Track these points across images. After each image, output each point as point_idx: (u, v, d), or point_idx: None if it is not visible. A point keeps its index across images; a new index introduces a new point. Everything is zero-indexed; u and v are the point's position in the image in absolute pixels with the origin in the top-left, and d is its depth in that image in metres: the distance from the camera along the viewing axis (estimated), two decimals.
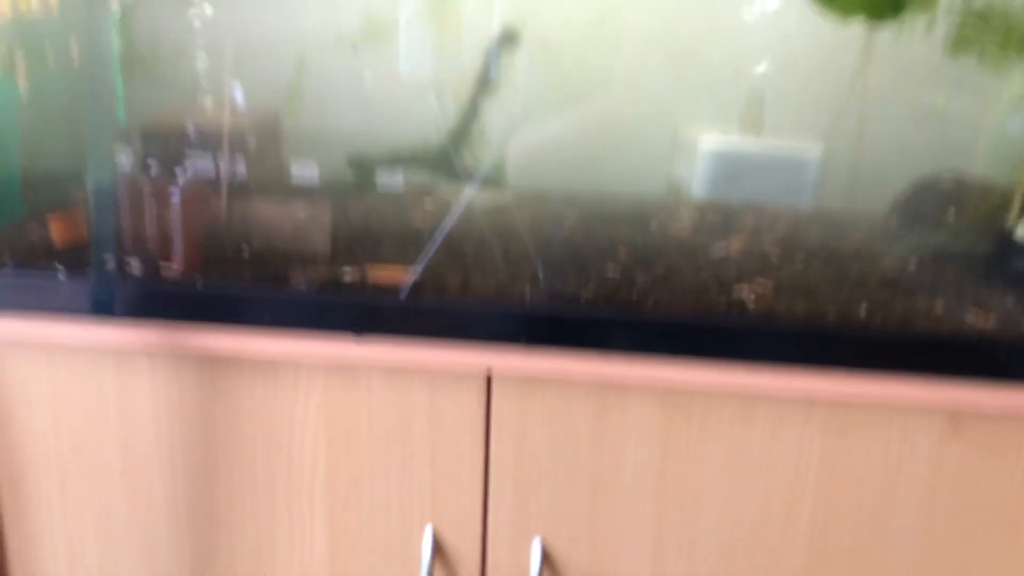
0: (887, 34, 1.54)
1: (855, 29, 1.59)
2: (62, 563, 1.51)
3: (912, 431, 1.31)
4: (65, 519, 1.49)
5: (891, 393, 1.29)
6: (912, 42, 1.51)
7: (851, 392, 1.30)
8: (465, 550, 1.42)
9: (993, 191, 1.51)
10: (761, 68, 1.69)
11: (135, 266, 1.43)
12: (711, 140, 1.66)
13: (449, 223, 1.58)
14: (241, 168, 1.63)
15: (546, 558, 1.41)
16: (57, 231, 1.54)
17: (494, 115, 1.81)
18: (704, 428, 1.34)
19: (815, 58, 1.71)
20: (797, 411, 1.32)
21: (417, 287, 1.38)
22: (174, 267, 1.42)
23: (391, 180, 1.79)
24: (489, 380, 1.35)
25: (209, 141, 1.65)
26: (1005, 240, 1.47)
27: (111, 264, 1.43)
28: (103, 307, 1.36)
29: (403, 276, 1.42)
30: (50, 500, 1.48)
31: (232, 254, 1.49)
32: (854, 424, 1.31)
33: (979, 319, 1.35)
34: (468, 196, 1.72)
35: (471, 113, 1.84)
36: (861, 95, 1.68)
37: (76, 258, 1.47)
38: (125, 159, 1.61)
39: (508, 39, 1.78)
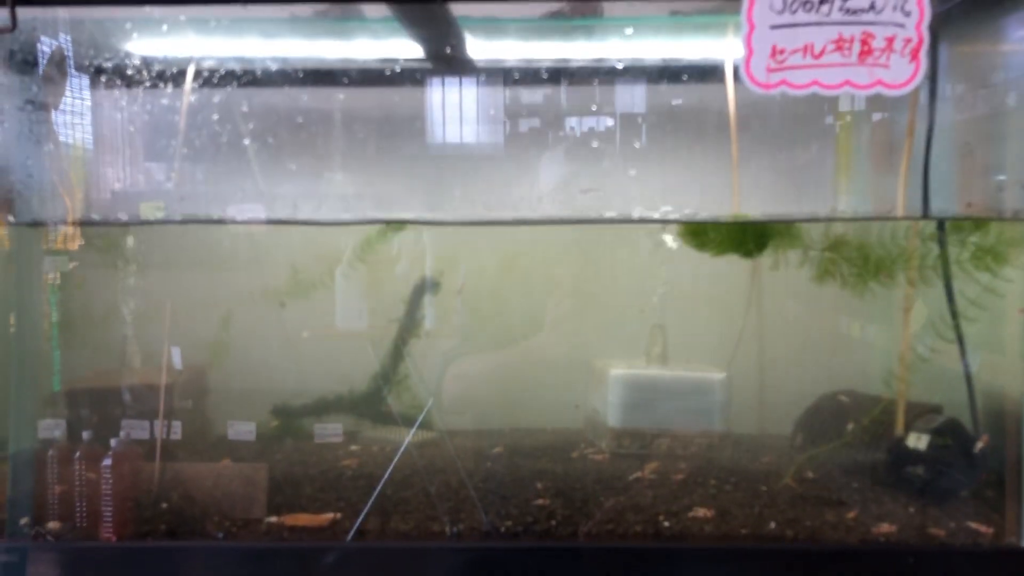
0: (769, 266, 1.70)
1: (743, 265, 1.75)
2: None
3: None
4: None
5: None
6: (791, 273, 1.67)
7: None
8: None
9: (882, 404, 1.61)
10: (662, 303, 1.83)
11: (53, 531, 1.41)
12: (620, 370, 1.76)
13: (377, 469, 1.61)
14: (169, 426, 1.65)
15: None
16: None
17: (419, 359, 1.90)
18: None
19: (712, 291, 1.86)
20: None
21: (340, 531, 1.39)
22: (102, 530, 1.40)
23: (319, 427, 1.83)
24: None
25: (138, 399, 1.68)
26: (898, 449, 1.55)
27: (25, 528, 1.41)
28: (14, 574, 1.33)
29: (321, 521, 1.43)
30: None
31: (154, 512, 1.48)
32: None
33: (884, 528, 1.40)
34: (396, 439, 1.76)
35: (396, 358, 1.93)
36: (758, 322, 1.82)
37: None
38: (55, 424, 1.62)
39: (431, 287, 1.90)
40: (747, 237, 1.62)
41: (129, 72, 1.64)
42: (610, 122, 1.79)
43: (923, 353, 1.59)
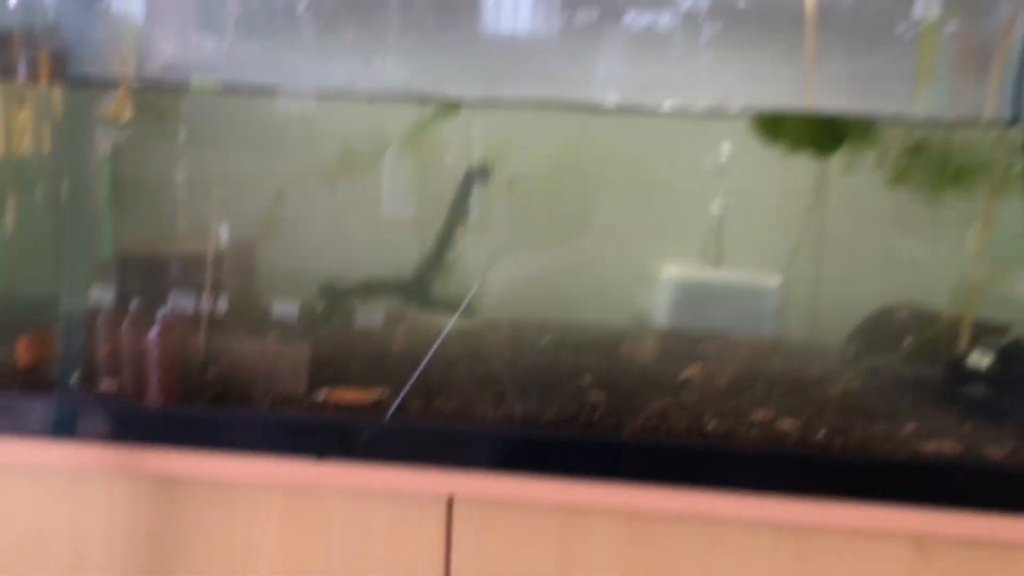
0: (837, 170, 1.62)
1: (808, 166, 1.68)
2: None
3: (880, 559, 1.29)
4: None
5: (856, 519, 1.28)
6: (860, 177, 1.59)
7: (817, 519, 1.29)
8: None
9: (943, 321, 1.56)
10: (721, 204, 1.77)
11: (100, 387, 1.44)
12: (673, 271, 1.72)
13: (423, 352, 1.60)
14: (216, 299, 1.66)
15: None
16: (24, 352, 1.55)
17: (467, 246, 1.87)
18: (671, 557, 1.32)
19: (774, 194, 1.79)
20: (764, 539, 1.31)
21: (384, 409, 1.39)
22: (148, 395, 1.42)
23: (364, 309, 1.83)
24: (451, 506, 1.33)
25: (186, 271, 1.68)
26: (957, 366, 1.50)
27: (76, 385, 1.43)
28: (63, 427, 1.36)
29: (366, 398, 1.43)
30: None
31: (200, 380, 1.50)
32: (822, 553, 1.30)
33: (937, 445, 1.36)
34: (442, 324, 1.75)
35: (444, 244, 1.90)
36: (818, 229, 1.75)
37: (40, 379, 1.47)
38: (103, 289, 1.63)
39: (481, 174, 1.86)
40: (823, 133, 1.53)
41: None
42: (678, 8, 1.70)
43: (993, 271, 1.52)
